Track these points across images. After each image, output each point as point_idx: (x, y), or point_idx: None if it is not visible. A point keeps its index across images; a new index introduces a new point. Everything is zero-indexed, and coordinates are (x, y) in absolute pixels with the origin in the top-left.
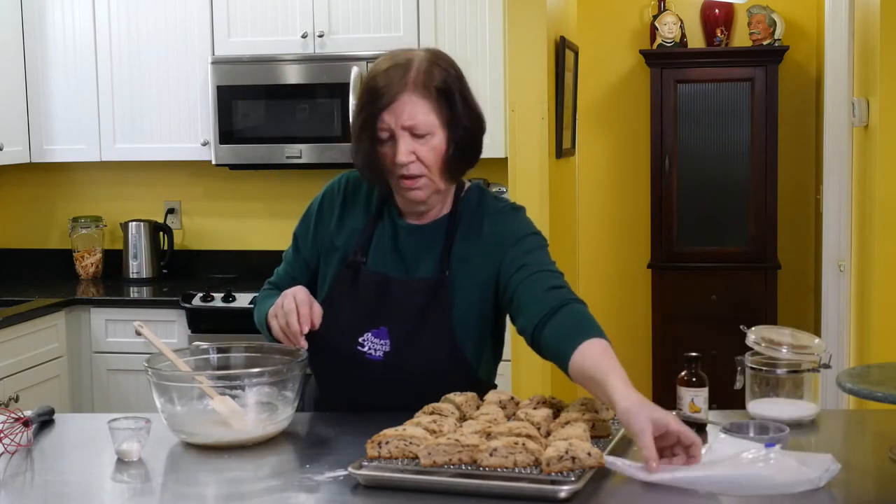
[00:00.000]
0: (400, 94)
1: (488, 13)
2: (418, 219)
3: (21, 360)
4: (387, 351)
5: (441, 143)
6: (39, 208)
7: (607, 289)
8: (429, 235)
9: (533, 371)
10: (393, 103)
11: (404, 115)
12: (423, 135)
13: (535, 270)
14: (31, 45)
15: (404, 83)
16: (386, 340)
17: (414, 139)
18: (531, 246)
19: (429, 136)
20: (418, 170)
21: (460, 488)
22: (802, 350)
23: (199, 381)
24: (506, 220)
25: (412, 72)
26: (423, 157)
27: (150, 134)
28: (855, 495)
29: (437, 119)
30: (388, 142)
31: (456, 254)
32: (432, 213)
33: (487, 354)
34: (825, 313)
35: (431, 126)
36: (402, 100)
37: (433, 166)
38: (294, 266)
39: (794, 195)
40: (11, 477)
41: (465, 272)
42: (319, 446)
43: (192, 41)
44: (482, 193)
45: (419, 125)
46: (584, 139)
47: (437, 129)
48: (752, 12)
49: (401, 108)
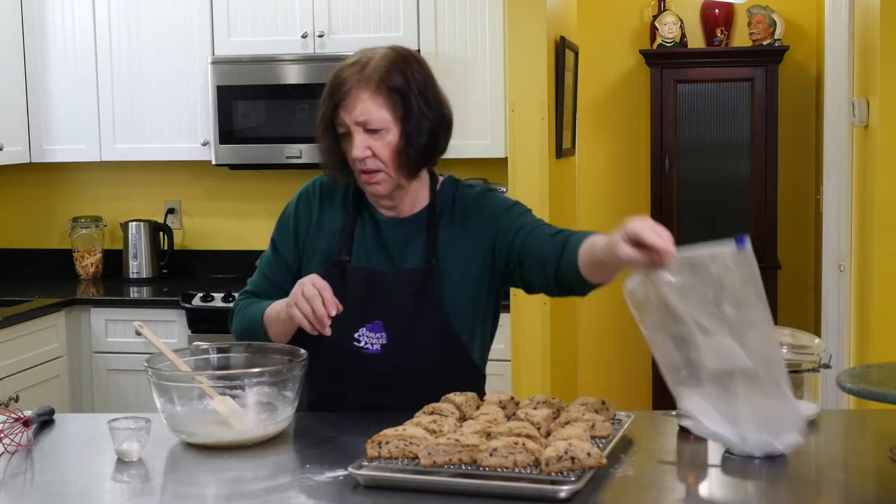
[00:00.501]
0: (353, 91)
1: (488, 13)
2: (399, 212)
3: (21, 360)
4: (384, 343)
5: (395, 139)
6: (39, 208)
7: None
8: (412, 227)
9: (533, 371)
10: (346, 99)
11: (357, 110)
12: (378, 130)
13: (533, 227)
14: (31, 45)
15: (357, 80)
16: (382, 333)
17: (368, 135)
18: (519, 211)
19: (383, 132)
20: (374, 165)
21: (460, 488)
22: (802, 350)
23: (199, 381)
24: (486, 201)
25: (367, 69)
26: (378, 152)
27: (150, 134)
28: (855, 495)
29: (389, 115)
30: (347, 137)
31: (441, 242)
32: (408, 206)
33: (480, 338)
34: (825, 313)
35: (385, 122)
36: (354, 96)
37: (388, 162)
38: (275, 270)
39: (794, 195)
40: (11, 477)
41: (452, 259)
42: (319, 446)
43: (192, 41)
44: (456, 183)
45: (372, 121)
46: (584, 139)
47: (391, 126)
48: (752, 12)
49: (353, 104)
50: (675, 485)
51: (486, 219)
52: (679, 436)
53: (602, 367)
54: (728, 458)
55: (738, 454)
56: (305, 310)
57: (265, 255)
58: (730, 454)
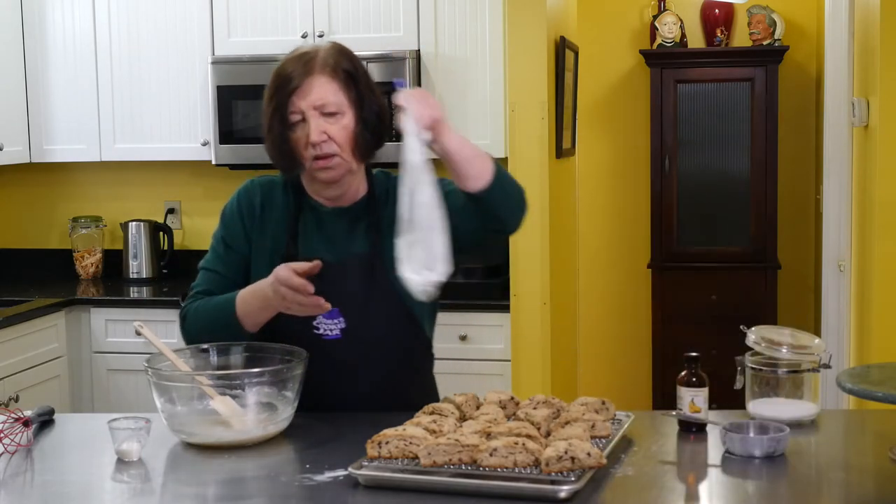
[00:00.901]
0: (308, 77)
1: (488, 13)
2: (338, 203)
3: (21, 360)
4: (343, 328)
5: (351, 122)
6: (39, 208)
7: (607, 289)
8: (353, 216)
9: (533, 371)
10: (301, 86)
11: (313, 94)
12: (334, 113)
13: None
14: (31, 45)
15: (312, 67)
16: (339, 319)
17: (325, 118)
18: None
19: (339, 116)
20: (330, 149)
21: (460, 488)
22: (802, 350)
23: (199, 381)
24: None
25: (318, 58)
26: (335, 135)
27: (150, 134)
28: (855, 495)
29: (345, 99)
30: (300, 125)
31: (384, 226)
32: (350, 195)
33: (428, 313)
34: (825, 313)
35: (341, 105)
36: (310, 81)
37: (344, 145)
38: (229, 266)
39: (794, 195)
40: (11, 477)
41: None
42: (319, 446)
43: (192, 41)
44: (387, 174)
45: (329, 104)
46: (584, 139)
47: (347, 109)
48: (752, 12)
49: (309, 89)
50: (675, 485)
51: None
52: (679, 436)
53: (602, 367)
54: (728, 458)
55: (738, 454)
56: (295, 300)
57: (212, 255)
58: (730, 454)
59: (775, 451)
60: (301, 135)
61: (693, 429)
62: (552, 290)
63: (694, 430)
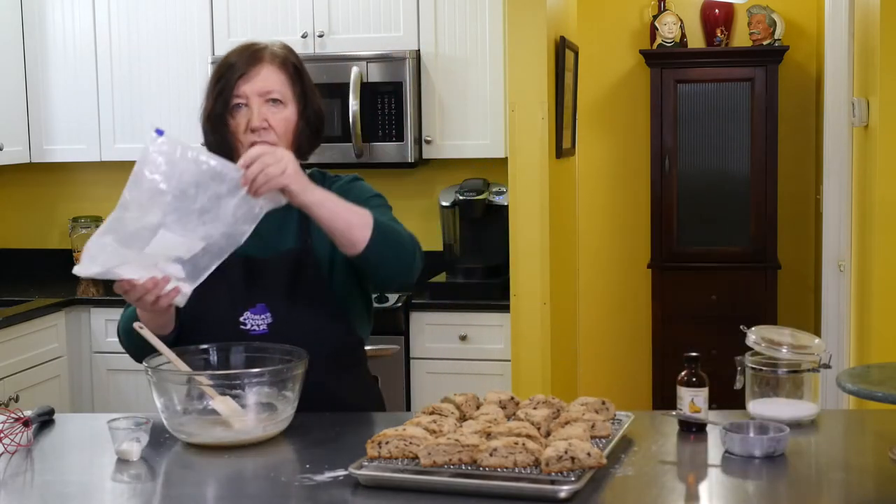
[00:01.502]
0: (257, 64)
1: (488, 13)
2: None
3: (21, 360)
4: (270, 323)
5: (293, 115)
6: (39, 208)
7: (607, 289)
8: (282, 213)
9: (533, 371)
10: (249, 72)
11: (259, 81)
12: (277, 101)
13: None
14: (31, 45)
15: (261, 56)
16: (266, 314)
17: (268, 106)
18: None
19: (282, 105)
20: (269, 137)
21: (460, 488)
22: (802, 350)
23: (199, 381)
24: (350, 189)
25: (267, 50)
26: (276, 124)
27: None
28: (855, 495)
29: (290, 91)
30: (242, 110)
31: (313, 224)
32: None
33: (358, 310)
34: (825, 313)
35: (285, 95)
36: (258, 68)
37: (283, 136)
38: None
39: (794, 195)
40: (11, 477)
41: (322, 238)
42: (319, 446)
43: (192, 41)
44: (323, 174)
45: (274, 91)
46: (584, 139)
47: (290, 101)
48: (752, 12)
49: (256, 75)
50: (675, 485)
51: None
52: (679, 436)
53: (602, 367)
54: (728, 458)
55: (738, 454)
56: (137, 295)
57: None
58: (730, 454)
59: (775, 451)
60: (241, 120)
61: (693, 429)
62: (552, 290)
63: (694, 430)
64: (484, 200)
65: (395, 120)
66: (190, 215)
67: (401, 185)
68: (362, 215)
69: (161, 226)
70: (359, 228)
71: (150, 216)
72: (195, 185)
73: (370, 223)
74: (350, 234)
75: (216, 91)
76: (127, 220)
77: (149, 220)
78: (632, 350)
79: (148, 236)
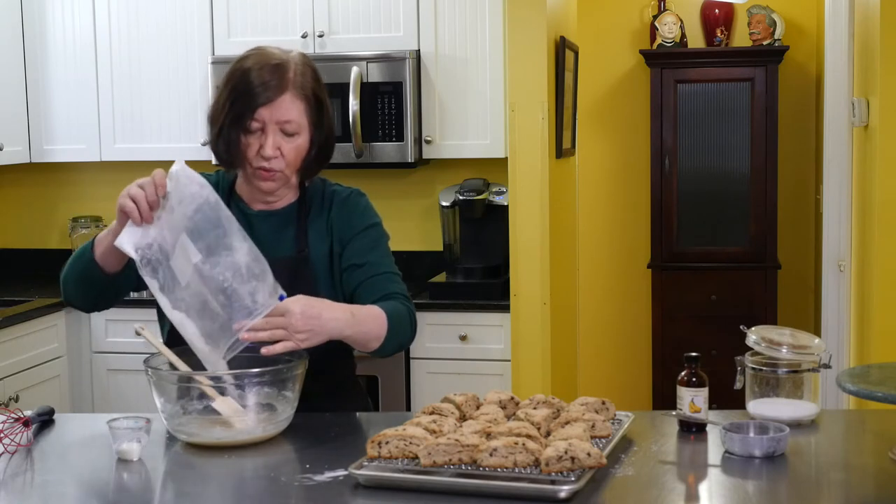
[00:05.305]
0: (281, 94)
1: (488, 13)
2: (268, 206)
3: (21, 360)
4: None
5: (305, 143)
6: (39, 208)
7: (607, 288)
8: (282, 220)
9: (533, 371)
10: (273, 101)
11: (281, 111)
12: (293, 133)
13: (373, 273)
14: (31, 45)
15: (286, 82)
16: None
17: (282, 136)
18: (372, 239)
19: (296, 136)
20: (279, 165)
21: (460, 488)
22: (802, 350)
23: (199, 381)
24: (353, 202)
25: (290, 72)
26: (286, 153)
27: (150, 134)
28: (855, 495)
29: (307, 120)
30: (256, 133)
31: (311, 233)
32: (281, 200)
33: None
34: (825, 313)
35: (301, 126)
36: (283, 98)
37: (292, 164)
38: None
39: (794, 195)
40: (11, 477)
41: (320, 248)
42: (319, 446)
43: (192, 41)
44: (324, 181)
45: (292, 124)
46: (584, 139)
47: (305, 131)
48: (752, 12)
49: (279, 105)
50: (675, 485)
51: (344, 226)
52: (679, 436)
53: (602, 367)
54: (728, 458)
55: (738, 454)
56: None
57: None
58: (730, 454)
59: (775, 451)
60: (254, 142)
61: (693, 429)
62: (552, 290)
63: (694, 430)
64: (484, 200)
65: (395, 120)
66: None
67: (401, 185)
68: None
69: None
70: (375, 340)
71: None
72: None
73: (384, 332)
74: (367, 346)
75: (233, 112)
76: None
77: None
78: (632, 350)
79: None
